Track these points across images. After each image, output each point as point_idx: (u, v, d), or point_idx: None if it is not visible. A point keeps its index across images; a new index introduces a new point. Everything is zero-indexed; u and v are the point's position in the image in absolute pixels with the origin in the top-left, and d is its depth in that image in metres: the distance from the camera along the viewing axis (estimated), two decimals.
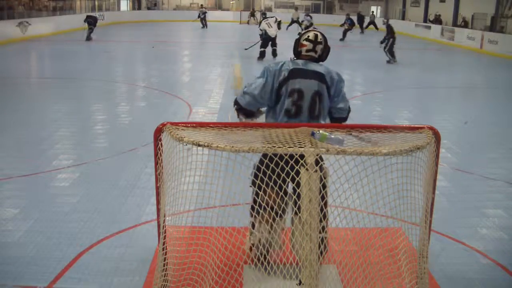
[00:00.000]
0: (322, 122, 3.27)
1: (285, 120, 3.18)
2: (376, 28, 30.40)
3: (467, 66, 17.51)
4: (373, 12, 35.52)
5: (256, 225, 3.24)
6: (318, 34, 3.38)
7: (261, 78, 3.29)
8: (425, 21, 29.47)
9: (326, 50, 3.39)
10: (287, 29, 24.21)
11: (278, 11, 40.28)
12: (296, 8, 33.04)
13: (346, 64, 16.23)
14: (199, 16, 30.66)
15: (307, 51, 3.33)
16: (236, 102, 3.47)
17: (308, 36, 3.36)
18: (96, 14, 23.59)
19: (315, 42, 3.34)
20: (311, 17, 25.73)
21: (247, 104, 3.37)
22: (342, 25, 24.60)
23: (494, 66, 17.00)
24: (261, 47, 15.73)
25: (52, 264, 3.60)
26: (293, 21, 29.68)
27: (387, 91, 11.25)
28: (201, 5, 36.18)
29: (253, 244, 3.29)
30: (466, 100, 11.03)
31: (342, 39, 23.29)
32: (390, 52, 15.75)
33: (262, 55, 15.60)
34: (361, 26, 29.23)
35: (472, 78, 14.70)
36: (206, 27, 29.65)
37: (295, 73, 3.20)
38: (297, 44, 3.40)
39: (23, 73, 12.88)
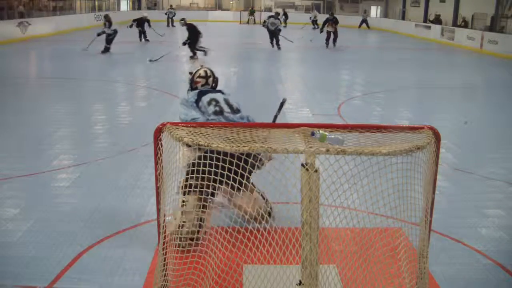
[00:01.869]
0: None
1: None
2: (368, 26, 30.24)
3: (467, 66, 17.51)
4: (365, 10, 35.26)
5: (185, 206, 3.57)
6: (207, 70, 4.42)
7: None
8: (425, 21, 29.46)
9: (216, 79, 4.45)
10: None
11: (278, 11, 40.31)
12: (313, 9, 32.35)
13: (346, 64, 16.23)
14: (166, 14, 30.01)
15: (202, 85, 4.35)
16: None
17: (200, 74, 4.36)
18: (145, 14, 20.84)
19: (206, 77, 4.37)
20: (317, 13, 25.83)
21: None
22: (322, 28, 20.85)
23: (494, 66, 16.99)
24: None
25: (52, 264, 3.60)
26: (313, 21, 29.77)
27: (387, 91, 11.25)
28: (171, 5, 35.63)
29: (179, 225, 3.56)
30: (466, 100, 11.03)
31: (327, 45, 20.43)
32: (193, 49, 15.57)
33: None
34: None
35: (472, 78, 14.70)
36: (172, 25, 29.27)
37: (203, 92, 4.23)
38: (192, 81, 4.38)
39: (23, 73, 12.88)
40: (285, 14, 16.25)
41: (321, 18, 31.66)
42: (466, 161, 6.30)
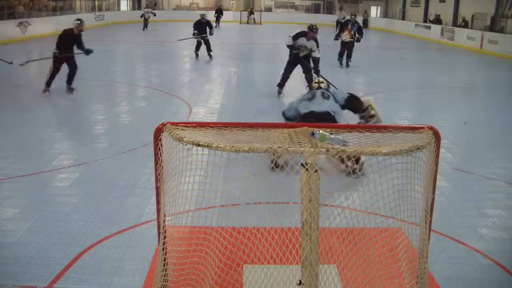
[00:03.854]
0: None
1: None
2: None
3: (467, 66, 17.51)
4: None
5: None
6: (320, 78, 6.78)
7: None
8: (425, 21, 29.46)
9: (328, 84, 6.77)
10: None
11: (278, 11, 40.30)
12: (341, 8, 29.75)
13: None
14: (142, 16, 27.37)
15: (316, 88, 6.30)
16: None
17: (315, 81, 6.62)
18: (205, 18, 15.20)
19: (319, 83, 6.52)
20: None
21: None
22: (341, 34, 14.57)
23: (494, 66, 16.99)
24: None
25: (52, 264, 3.60)
26: (338, 23, 25.96)
27: (387, 91, 11.25)
28: (147, 4, 34.97)
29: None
30: (466, 100, 11.03)
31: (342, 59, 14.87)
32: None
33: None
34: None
35: (472, 78, 14.70)
36: (146, 28, 26.76)
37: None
38: (310, 88, 6.61)
39: (23, 73, 12.86)
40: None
41: (316, 19, 30.79)
42: (466, 161, 6.31)
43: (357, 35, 14.15)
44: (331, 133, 2.63)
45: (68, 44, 9.71)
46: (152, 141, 2.80)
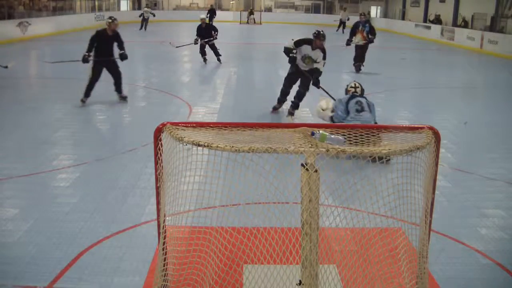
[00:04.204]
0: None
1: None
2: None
3: (467, 66, 17.51)
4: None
5: None
6: (356, 83, 6.94)
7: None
8: (425, 21, 29.46)
9: (362, 90, 6.85)
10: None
11: (278, 11, 40.29)
12: (345, 9, 30.15)
13: (346, 64, 16.21)
14: (142, 15, 26.78)
15: (353, 93, 6.74)
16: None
17: (351, 85, 6.88)
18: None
19: (355, 87, 6.83)
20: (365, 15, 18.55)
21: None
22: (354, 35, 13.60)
23: (494, 66, 17.00)
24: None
25: (52, 264, 3.60)
26: (341, 23, 27.87)
27: (387, 91, 11.24)
28: (147, 4, 34.28)
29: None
30: (466, 100, 11.03)
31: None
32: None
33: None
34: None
35: (472, 78, 14.70)
36: (145, 29, 25.91)
37: (353, 96, 6.68)
38: (346, 90, 6.91)
39: (23, 73, 12.86)
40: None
41: (316, 19, 30.46)
42: (466, 161, 6.31)
43: (369, 36, 13.34)
44: (331, 133, 2.63)
45: (105, 47, 8.67)
46: (152, 141, 2.80)
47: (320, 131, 2.61)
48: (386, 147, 2.52)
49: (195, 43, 14.22)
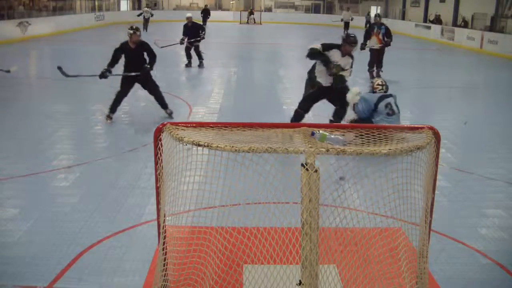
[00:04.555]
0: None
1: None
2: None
3: (467, 66, 17.51)
4: (368, 12, 34.66)
5: None
6: (383, 80, 6.78)
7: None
8: (425, 21, 29.47)
9: (387, 87, 6.73)
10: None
11: (278, 11, 40.30)
12: (348, 8, 29.38)
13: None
14: (141, 14, 25.64)
15: (379, 91, 6.63)
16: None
17: (379, 83, 6.70)
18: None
19: (382, 85, 6.67)
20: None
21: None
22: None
23: (494, 66, 16.99)
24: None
25: (52, 264, 3.60)
26: (345, 24, 26.77)
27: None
28: (147, 4, 32.92)
29: None
30: (466, 100, 11.03)
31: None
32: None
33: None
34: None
35: (472, 78, 14.70)
36: (146, 30, 24.39)
37: (382, 98, 6.55)
38: (373, 87, 6.70)
39: (23, 73, 12.86)
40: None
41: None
42: (466, 161, 6.31)
43: (385, 39, 12.09)
44: (331, 133, 2.63)
45: (132, 61, 7.69)
46: (152, 141, 2.80)
47: (320, 131, 2.61)
48: (386, 147, 2.52)
49: (181, 43, 13.60)
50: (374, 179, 2.68)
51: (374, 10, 37.99)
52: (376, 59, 12.20)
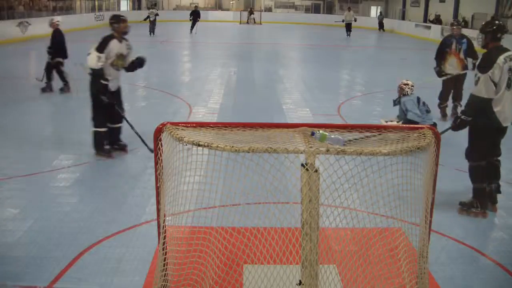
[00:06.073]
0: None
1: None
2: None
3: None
4: (381, 12, 34.49)
5: None
6: (411, 82, 6.96)
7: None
8: (425, 21, 29.46)
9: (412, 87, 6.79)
10: (349, 35, 18.63)
11: (278, 11, 40.29)
12: (349, 8, 28.22)
13: (346, 64, 16.22)
14: (148, 18, 24.38)
15: (411, 93, 6.83)
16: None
17: (410, 85, 6.88)
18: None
19: (412, 85, 6.89)
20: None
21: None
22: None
23: None
24: None
25: (52, 264, 3.60)
26: (347, 25, 25.88)
27: (387, 91, 11.24)
28: (152, 5, 31.70)
29: None
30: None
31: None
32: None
33: None
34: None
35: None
36: (153, 33, 23.53)
37: (418, 98, 6.77)
38: (401, 89, 6.89)
39: (23, 73, 12.86)
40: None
41: (316, 19, 29.53)
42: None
43: (466, 59, 8.52)
44: (331, 133, 2.63)
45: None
46: (152, 141, 2.80)
47: (320, 131, 2.61)
48: (386, 147, 2.52)
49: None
50: (374, 179, 2.68)
51: (374, 10, 38.03)
52: (454, 89, 8.47)
